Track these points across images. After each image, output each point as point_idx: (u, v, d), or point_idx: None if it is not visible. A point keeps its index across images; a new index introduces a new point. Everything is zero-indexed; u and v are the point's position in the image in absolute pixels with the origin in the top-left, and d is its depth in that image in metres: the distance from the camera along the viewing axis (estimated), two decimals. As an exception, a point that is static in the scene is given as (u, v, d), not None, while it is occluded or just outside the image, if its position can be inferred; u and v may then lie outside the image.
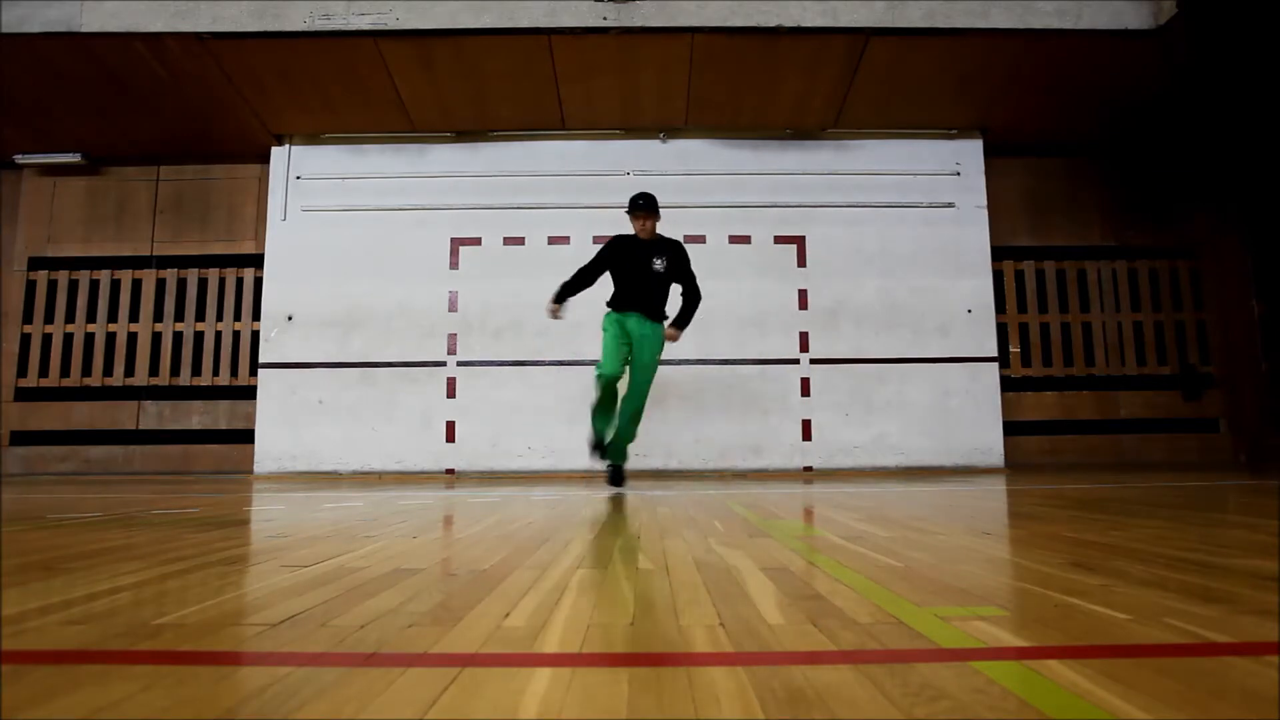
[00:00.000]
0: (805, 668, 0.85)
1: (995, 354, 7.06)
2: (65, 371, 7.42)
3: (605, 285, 4.71)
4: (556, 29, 5.98)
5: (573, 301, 6.95)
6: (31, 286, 7.54)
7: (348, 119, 7.03)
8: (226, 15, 5.94)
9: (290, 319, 7.05)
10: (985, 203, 7.21)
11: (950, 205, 7.19)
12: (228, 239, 7.57)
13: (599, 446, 4.52)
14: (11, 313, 7.50)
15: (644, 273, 4.50)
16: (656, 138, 7.27)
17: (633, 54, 6.22)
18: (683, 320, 4.65)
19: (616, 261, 4.56)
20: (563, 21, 5.96)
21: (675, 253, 4.61)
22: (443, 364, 7.01)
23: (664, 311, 4.58)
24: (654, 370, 4.49)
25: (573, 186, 7.20)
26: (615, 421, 4.49)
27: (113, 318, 7.51)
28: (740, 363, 6.97)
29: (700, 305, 4.76)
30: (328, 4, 5.98)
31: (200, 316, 7.52)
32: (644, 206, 4.52)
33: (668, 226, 7.08)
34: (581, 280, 4.64)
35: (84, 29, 5.89)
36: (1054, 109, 6.96)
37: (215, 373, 7.43)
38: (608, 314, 4.54)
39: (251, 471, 6.92)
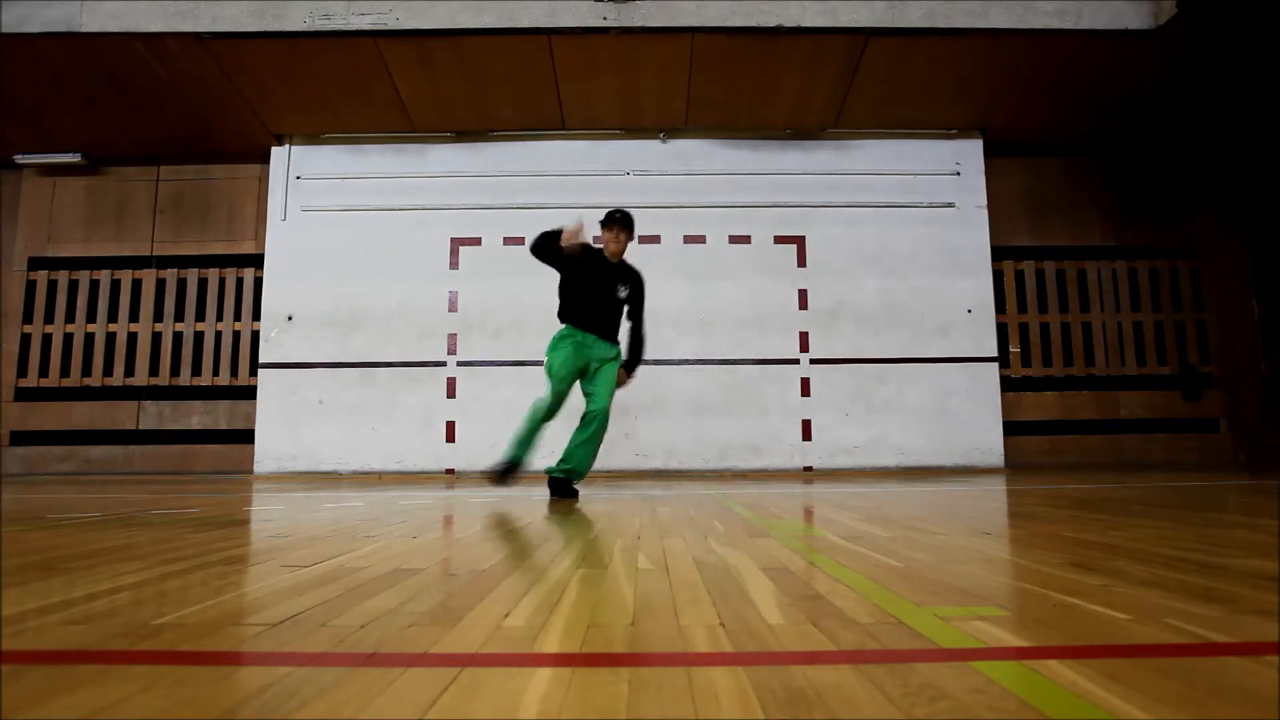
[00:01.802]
0: (805, 668, 0.85)
1: (995, 354, 7.05)
2: (65, 371, 7.42)
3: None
4: (556, 29, 5.98)
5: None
6: (31, 286, 7.54)
7: (348, 119, 7.03)
8: (226, 15, 5.94)
9: (290, 319, 7.05)
10: (985, 203, 7.21)
11: (950, 205, 7.19)
12: (228, 239, 7.57)
13: (511, 467, 4.08)
14: (11, 313, 7.49)
15: (607, 296, 4.04)
16: (656, 138, 7.27)
17: (633, 54, 6.22)
18: (634, 363, 4.15)
19: (578, 272, 4.04)
20: (563, 21, 5.96)
21: (637, 284, 4.14)
22: (443, 364, 7.00)
23: (618, 338, 4.15)
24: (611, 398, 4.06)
25: (573, 186, 7.20)
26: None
27: (113, 318, 7.50)
28: (740, 363, 6.97)
29: (647, 345, 4.29)
30: (328, 4, 5.98)
31: (200, 316, 7.52)
32: (621, 221, 4.03)
33: (668, 227, 7.15)
34: (548, 245, 4.06)
35: (84, 29, 5.89)
36: (1054, 109, 6.96)
37: (215, 373, 7.43)
38: (566, 328, 4.05)
39: (251, 471, 6.92)
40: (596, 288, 4.04)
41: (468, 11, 5.96)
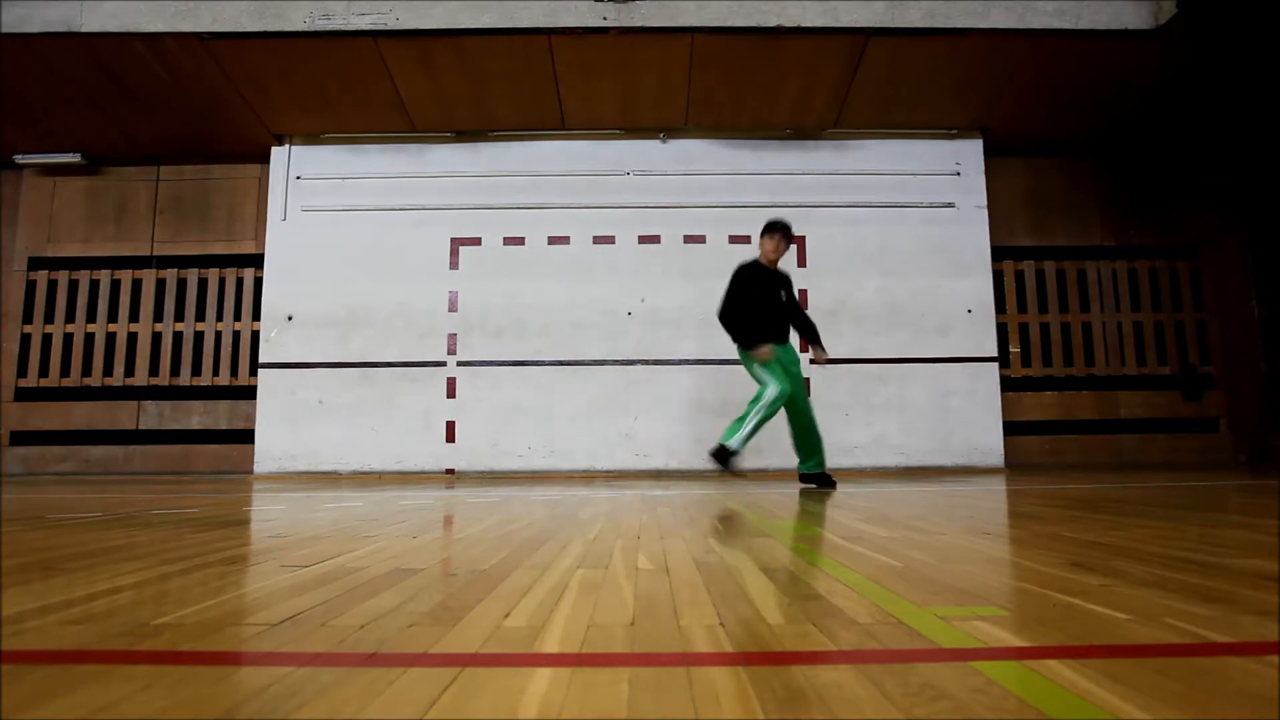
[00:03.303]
0: (805, 668, 0.85)
1: (995, 354, 7.05)
2: (65, 371, 7.43)
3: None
4: (556, 29, 5.98)
5: (572, 301, 7.03)
6: (31, 286, 7.54)
7: (348, 119, 7.03)
8: (226, 15, 5.94)
9: (290, 319, 7.05)
10: (985, 203, 7.21)
11: (950, 205, 7.19)
12: (228, 239, 7.58)
13: (732, 455, 4.41)
14: (11, 313, 7.50)
15: (778, 303, 4.63)
16: (656, 138, 7.27)
17: (633, 54, 6.22)
18: (820, 340, 4.92)
19: (754, 290, 4.56)
20: (563, 21, 5.95)
21: (789, 284, 4.74)
22: (443, 364, 7.01)
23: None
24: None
25: (573, 186, 7.20)
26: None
27: (113, 318, 7.51)
28: (740, 363, 6.96)
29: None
30: (328, 4, 5.98)
31: (200, 316, 7.52)
32: (785, 229, 4.59)
33: (668, 227, 7.15)
34: (744, 315, 4.58)
35: (84, 29, 5.89)
36: (1054, 109, 6.95)
37: (215, 373, 7.43)
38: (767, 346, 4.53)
39: (251, 471, 6.92)
40: (772, 297, 4.60)
41: (468, 11, 5.95)
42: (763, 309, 4.54)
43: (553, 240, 7.15)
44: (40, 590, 1.37)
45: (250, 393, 7.24)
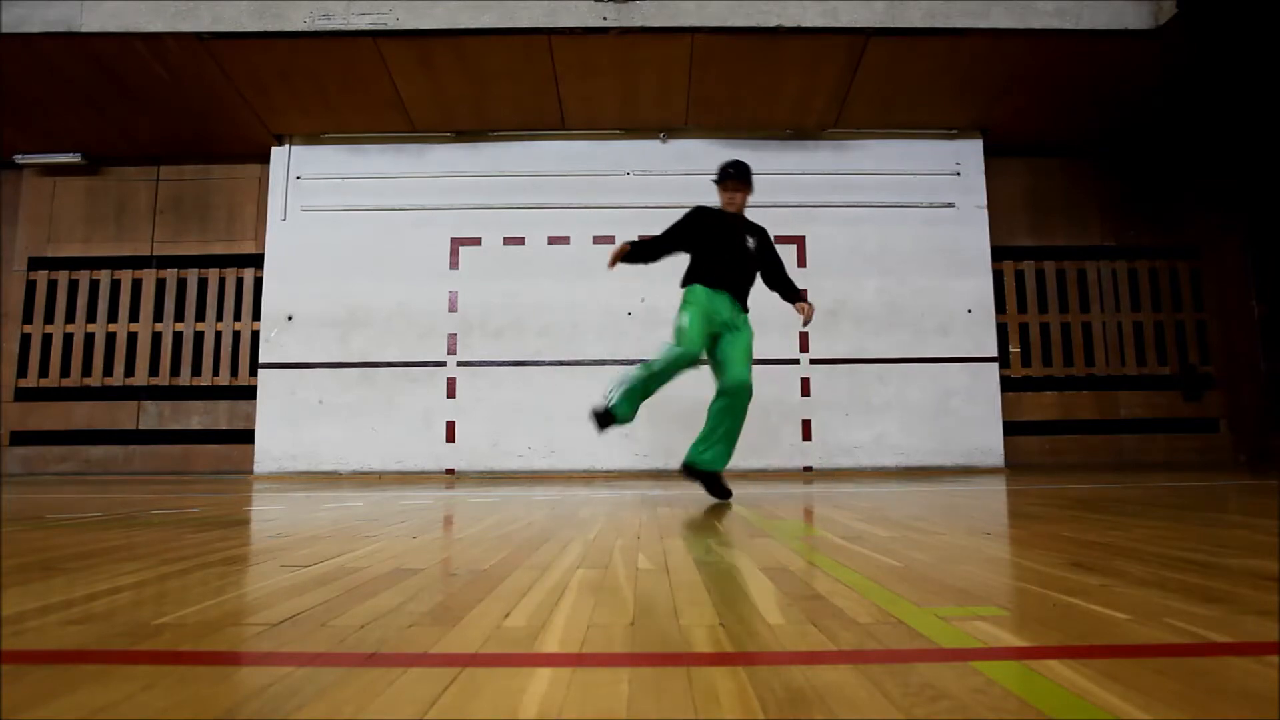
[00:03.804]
0: (805, 668, 0.85)
1: (995, 354, 7.05)
2: (65, 371, 7.42)
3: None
4: (556, 29, 5.97)
5: (572, 301, 7.03)
6: (31, 286, 7.54)
7: (348, 119, 7.03)
8: (226, 15, 5.94)
9: (290, 319, 7.05)
10: (985, 203, 7.20)
11: (950, 205, 7.19)
12: (228, 239, 7.57)
13: (611, 417, 3.87)
14: (11, 313, 7.49)
15: (737, 250, 3.84)
16: (656, 138, 7.27)
17: (633, 54, 6.22)
18: (798, 294, 4.09)
19: (702, 233, 3.85)
20: (563, 21, 5.95)
21: (763, 236, 4.01)
22: (443, 364, 7.00)
23: (747, 303, 4.01)
24: (750, 373, 3.86)
25: (573, 186, 7.20)
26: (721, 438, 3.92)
27: (113, 318, 7.51)
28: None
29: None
30: (328, 4, 5.98)
31: (200, 316, 7.52)
32: (735, 175, 3.85)
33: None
34: (658, 249, 3.94)
35: (84, 29, 5.89)
36: (1054, 109, 6.95)
37: (215, 373, 7.43)
38: (693, 287, 3.83)
39: (251, 471, 6.92)
40: (727, 243, 3.82)
41: (468, 11, 5.95)
42: (714, 254, 3.83)
43: (553, 240, 7.15)
44: (40, 590, 1.37)
45: (250, 393, 7.24)
